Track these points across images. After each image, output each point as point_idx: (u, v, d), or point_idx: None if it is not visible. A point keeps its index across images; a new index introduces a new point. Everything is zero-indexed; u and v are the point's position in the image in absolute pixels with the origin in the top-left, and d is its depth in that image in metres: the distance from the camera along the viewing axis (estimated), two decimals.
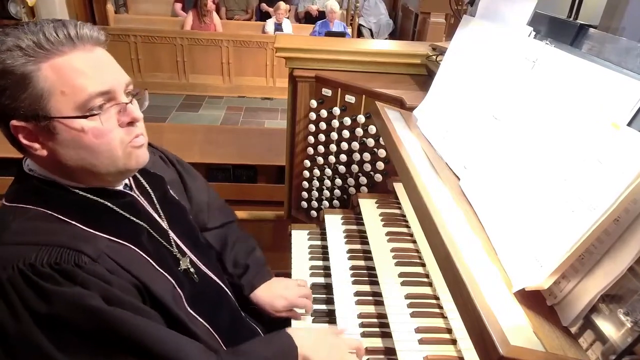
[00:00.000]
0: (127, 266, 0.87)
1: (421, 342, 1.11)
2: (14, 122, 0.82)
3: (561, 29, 1.06)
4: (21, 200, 0.87)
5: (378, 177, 1.83)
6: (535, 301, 0.77)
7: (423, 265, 1.35)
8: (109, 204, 0.93)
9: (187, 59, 6.37)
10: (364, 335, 1.22)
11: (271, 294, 1.31)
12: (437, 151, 1.27)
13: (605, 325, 0.68)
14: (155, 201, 1.07)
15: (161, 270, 0.95)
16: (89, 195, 0.91)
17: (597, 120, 0.76)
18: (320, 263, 1.57)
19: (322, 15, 6.97)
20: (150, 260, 0.93)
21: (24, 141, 0.84)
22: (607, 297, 0.68)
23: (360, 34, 7.71)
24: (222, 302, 1.16)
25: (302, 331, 1.08)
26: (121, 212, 0.94)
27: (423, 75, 1.92)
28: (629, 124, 0.71)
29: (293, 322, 1.32)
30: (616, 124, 0.71)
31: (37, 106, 0.80)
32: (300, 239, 1.69)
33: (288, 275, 1.50)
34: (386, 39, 7.98)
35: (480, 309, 0.71)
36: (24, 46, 0.79)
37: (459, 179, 1.13)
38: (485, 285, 0.77)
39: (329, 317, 1.35)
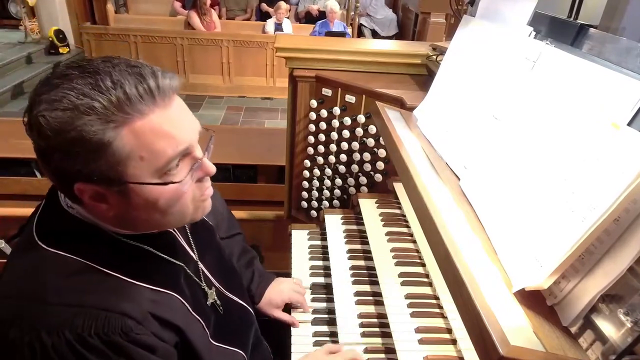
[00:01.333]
0: (170, 320, 0.83)
1: (421, 342, 1.11)
2: (80, 186, 0.73)
3: (561, 29, 1.06)
4: (61, 247, 0.78)
5: (378, 177, 1.83)
6: (535, 301, 0.77)
7: (423, 265, 1.35)
8: (149, 248, 0.86)
9: (187, 59, 6.38)
10: (363, 335, 1.22)
11: (268, 291, 1.35)
12: (437, 151, 1.27)
13: (605, 325, 0.68)
14: (188, 231, 1.01)
15: (194, 314, 0.90)
16: (131, 242, 0.84)
17: (597, 120, 0.76)
18: (320, 263, 1.57)
19: (322, 15, 6.97)
20: (187, 306, 0.88)
21: (89, 201, 0.76)
22: (607, 297, 0.68)
23: (360, 34, 7.71)
24: (248, 323, 1.15)
25: None
26: (160, 254, 0.88)
27: (423, 75, 1.92)
28: (629, 124, 0.71)
29: (293, 330, 1.33)
30: (616, 124, 0.71)
31: (112, 172, 0.72)
32: (300, 239, 1.69)
33: (288, 275, 1.50)
34: (393, 36, 7.99)
35: (480, 309, 0.71)
36: (100, 109, 0.68)
37: (459, 179, 1.13)
38: (485, 285, 0.77)
39: (329, 317, 1.35)
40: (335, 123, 1.86)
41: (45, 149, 0.71)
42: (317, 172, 2.02)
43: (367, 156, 1.82)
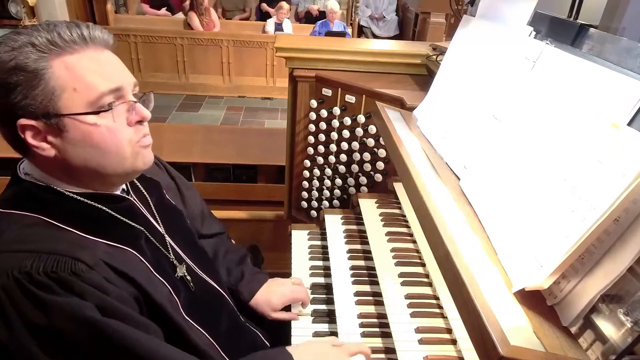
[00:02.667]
0: (126, 272, 0.85)
1: (421, 342, 1.11)
2: (22, 121, 0.80)
3: (561, 29, 1.06)
4: (16, 207, 0.85)
5: (378, 177, 1.83)
6: (535, 301, 0.77)
7: (423, 265, 1.35)
8: (106, 209, 0.91)
9: (187, 59, 6.37)
10: (364, 335, 1.22)
11: (267, 292, 1.32)
12: (437, 151, 1.27)
13: (605, 325, 0.68)
14: (152, 206, 1.06)
15: (158, 276, 0.93)
16: (86, 201, 0.89)
17: (597, 120, 0.76)
18: (320, 263, 1.57)
19: (322, 15, 6.97)
20: (148, 265, 0.92)
21: (31, 141, 0.82)
22: (607, 297, 0.68)
23: (360, 34, 7.71)
24: (220, 307, 1.15)
25: (301, 346, 1.07)
26: (119, 216, 0.93)
27: (423, 75, 1.92)
28: (629, 124, 0.71)
29: (293, 323, 1.32)
30: (616, 124, 0.71)
31: (48, 103, 0.80)
32: (300, 239, 1.69)
33: (288, 275, 1.50)
34: (393, 37, 7.99)
35: (480, 309, 0.71)
36: (37, 43, 0.79)
37: (459, 179, 1.13)
38: (485, 285, 0.77)
39: (329, 317, 1.35)
40: (335, 123, 1.86)
41: None
42: (317, 172, 2.02)
43: (367, 156, 1.82)
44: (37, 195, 0.86)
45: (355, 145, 1.83)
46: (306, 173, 2.05)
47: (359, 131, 1.80)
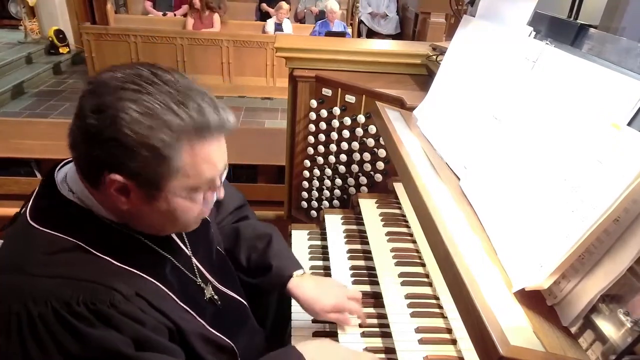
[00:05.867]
0: (157, 303, 0.84)
1: (421, 342, 1.11)
2: (116, 177, 0.75)
3: (561, 29, 1.06)
4: (54, 227, 0.80)
5: (378, 177, 1.83)
6: (535, 301, 0.77)
7: (423, 265, 1.35)
8: (141, 238, 0.89)
9: (187, 59, 6.37)
10: (363, 335, 1.22)
11: (320, 290, 1.21)
12: (437, 151, 1.27)
13: (605, 325, 0.68)
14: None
15: (184, 306, 0.91)
16: (122, 230, 0.86)
17: (598, 120, 0.76)
18: (320, 263, 1.57)
19: (322, 15, 6.97)
20: (173, 296, 0.90)
21: (113, 192, 0.78)
22: (607, 297, 0.68)
23: (360, 34, 7.71)
24: (242, 316, 1.15)
25: (311, 345, 1.06)
26: (151, 245, 0.90)
27: (423, 75, 1.92)
28: (629, 124, 0.71)
29: (293, 322, 1.32)
30: (616, 124, 0.71)
31: (158, 179, 0.77)
32: (300, 239, 1.69)
33: None
34: (395, 36, 7.98)
35: (480, 309, 0.71)
36: (175, 125, 0.74)
37: (459, 179, 1.13)
38: (485, 285, 0.77)
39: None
40: (335, 123, 1.86)
41: (101, 137, 0.73)
42: (317, 172, 2.02)
43: (367, 156, 1.82)
44: (77, 219, 0.82)
45: (355, 145, 1.83)
46: (306, 173, 2.05)
47: (359, 131, 1.80)
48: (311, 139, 1.97)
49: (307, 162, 2.03)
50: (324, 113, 1.87)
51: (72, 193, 0.84)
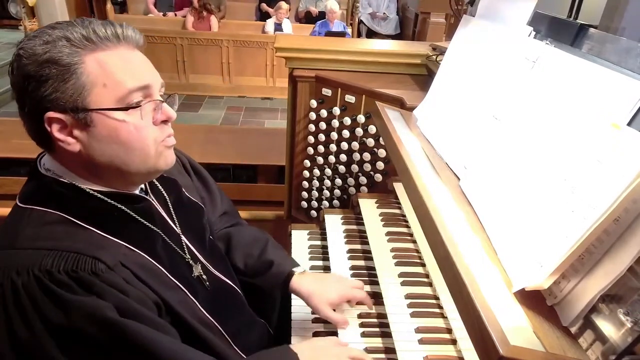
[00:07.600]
0: (143, 276, 0.85)
1: (421, 342, 1.11)
2: (50, 114, 0.81)
3: (561, 29, 1.06)
4: (37, 202, 0.85)
5: (378, 177, 1.83)
6: (535, 301, 0.77)
7: (423, 265, 1.35)
8: (125, 209, 0.91)
9: (187, 59, 6.37)
10: (363, 335, 1.22)
11: (323, 283, 1.22)
12: (437, 151, 1.27)
13: (605, 325, 0.68)
14: (170, 205, 1.05)
15: (174, 280, 0.93)
16: (106, 199, 0.89)
17: (597, 120, 0.76)
18: (320, 263, 1.57)
19: (322, 15, 6.97)
20: (164, 270, 0.92)
21: (57, 134, 0.82)
22: (607, 297, 0.68)
23: (360, 34, 7.71)
24: (234, 303, 1.15)
25: (304, 345, 1.07)
26: (137, 217, 0.93)
27: (423, 75, 1.92)
28: (629, 124, 0.71)
29: (293, 322, 1.32)
30: (616, 124, 0.71)
31: (77, 97, 0.81)
32: (300, 239, 1.69)
33: None
34: (394, 36, 7.98)
35: (480, 309, 0.71)
36: (72, 37, 0.80)
37: (459, 179, 1.13)
38: (485, 285, 0.77)
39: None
40: (335, 123, 1.86)
41: (21, 83, 0.81)
42: (317, 172, 2.03)
43: (367, 156, 1.82)
44: (58, 192, 0.86)
45: (355, 145, 1.83)
46: (306, 173, 2.05)
47: (359, 131, 1.80)
48: (311, 139, 1.97)
49: (307, 162, 2.03)
50: (324, 113, 1.87)
51: (49, 171, 0.89)
